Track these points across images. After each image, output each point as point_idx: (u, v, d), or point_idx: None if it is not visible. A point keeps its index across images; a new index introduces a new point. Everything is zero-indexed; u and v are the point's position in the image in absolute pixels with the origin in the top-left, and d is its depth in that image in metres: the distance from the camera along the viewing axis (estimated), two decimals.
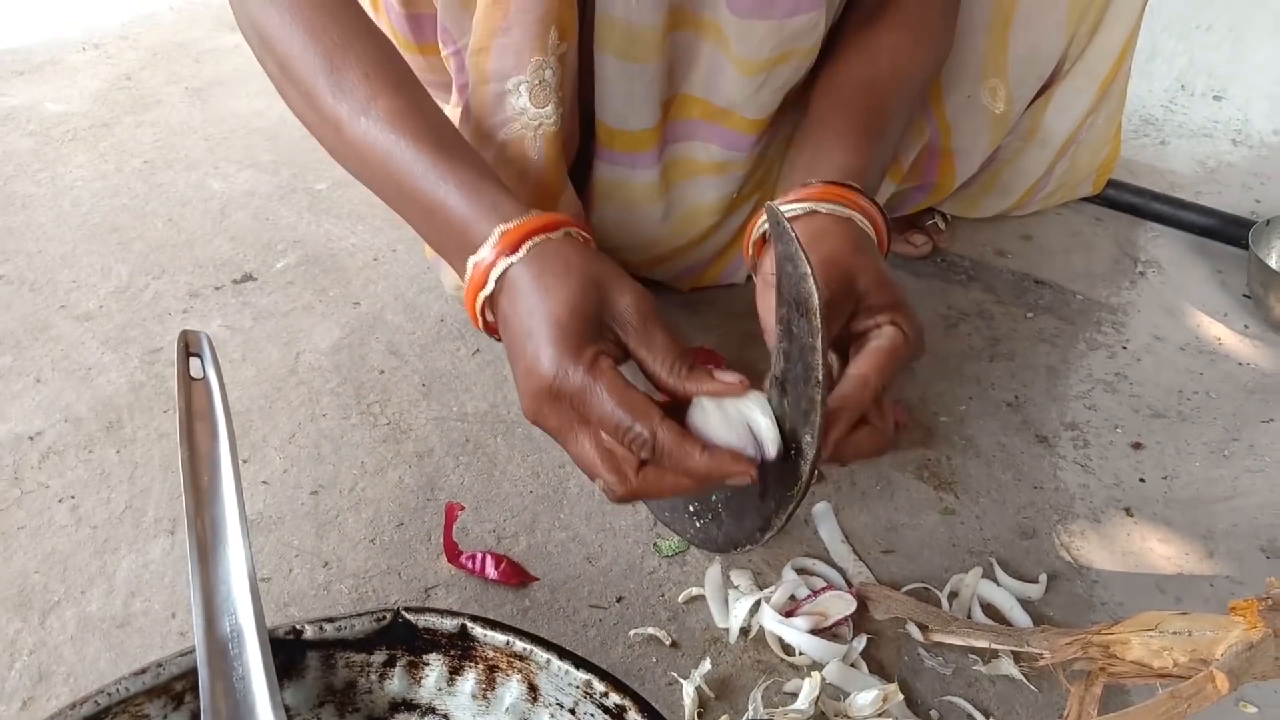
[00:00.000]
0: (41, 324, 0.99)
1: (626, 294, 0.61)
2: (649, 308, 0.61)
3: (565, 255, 0.62)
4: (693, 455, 0.58)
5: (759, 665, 0.69)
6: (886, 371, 0.63)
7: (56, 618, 0.70)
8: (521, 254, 0.62)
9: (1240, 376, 1.02)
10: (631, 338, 0.61)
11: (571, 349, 0.58)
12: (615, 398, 0.57)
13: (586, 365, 0.58)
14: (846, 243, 0.67)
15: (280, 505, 0.80)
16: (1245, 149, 1.50)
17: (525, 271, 0.61)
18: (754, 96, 0.83)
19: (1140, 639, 0.63)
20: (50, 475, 0.81)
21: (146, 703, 0.52)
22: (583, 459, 0.61)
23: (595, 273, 0.61)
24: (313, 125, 0.74)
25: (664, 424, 0.57)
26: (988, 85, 0.99)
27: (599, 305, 0.60)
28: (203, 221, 1.17)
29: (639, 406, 0.57)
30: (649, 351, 0.60)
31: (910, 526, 0.81)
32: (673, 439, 0.57)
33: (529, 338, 0.60)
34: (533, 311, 0.60)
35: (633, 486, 0.60)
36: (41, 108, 1.43)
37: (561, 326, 0.59)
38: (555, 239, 0.63)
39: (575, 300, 0.59)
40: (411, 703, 0.57)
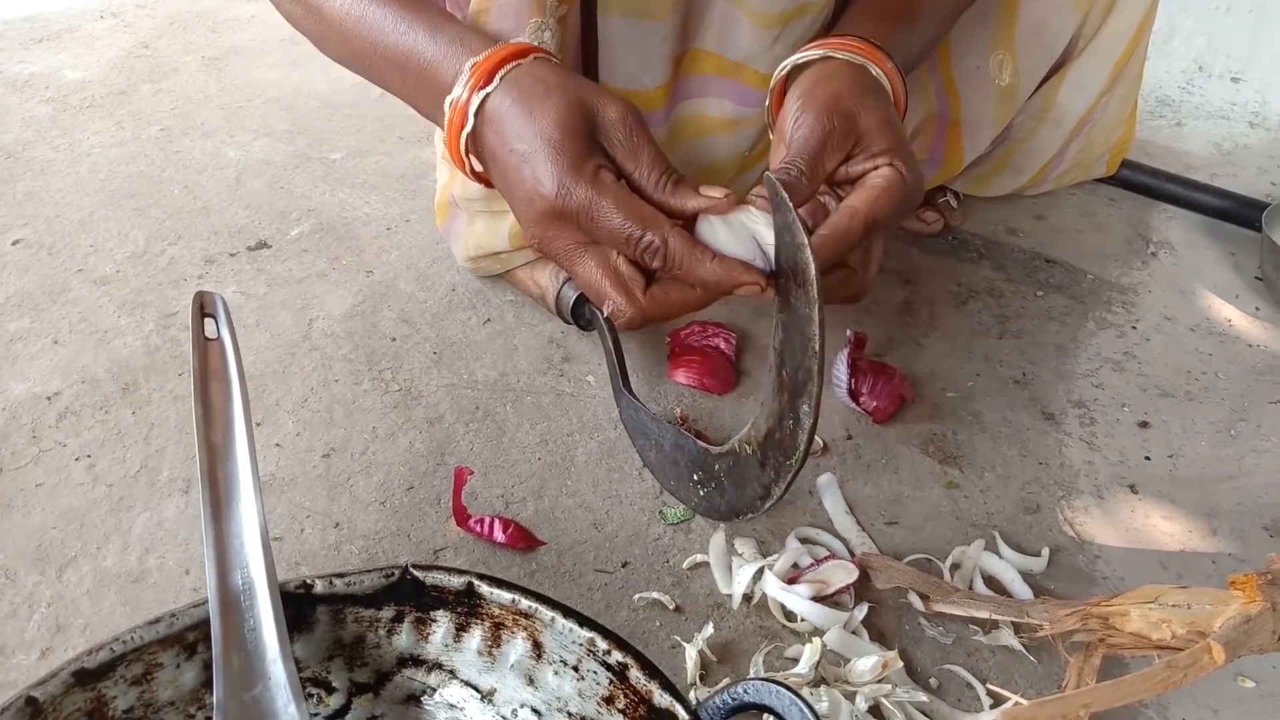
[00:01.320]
0: (59, 287, 1.00)
1: (611, 106, 0.60)
2: (635, 119, 0.60)
3: (542, 76, 0.61)
4: (704, 262, 0.57)
5: (761, 631, 0.70)
6: (879, 207, 0.63)
7: (74, 572, 0.72)
8: (496, 83, 0.61)
9: (1250, 358, 1.02)
10: (619, 151, 0.60)
11: (571, 165, 0.58)
12: (623, 208, 0.57)
13: (589, 180, 0.58)
14: (855, 84, 0.67)
15: (293, 467, 0.81)
16: (1262, 131, 1.49)
17: (504, 98, 0.60)
18: (768, 50, 0.83)
19: (1139, 611, 0.63)
20: (67, 434, 0.83)
21: (160, 652, 0.53)
22: (590, 282, 0.61)
23: (576, 89, 0.60)
24: (296, 18, 0.74)
25: (674, 231, 0.57)
26: (995, 57, 0.99)
27: (588, 119, 0.59)
28: (218, 189, 1.18)
29: (648, 215, 0.57)
30: (636, 165, 0.60)
31: (914, 499, 0.82)
32: (684, 245, 0.57)
33: (525, 162, 0.59)
34: (521, 135, 0.59)
35: (641, 305, 0.60)
36: (60, 75, 1.44)
37: (556, 145, 0.58)
38: (527, 64, 0.62)
39: (564, 117, 0.59)
40: (419, 658, 0.58)
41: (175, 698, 0.53)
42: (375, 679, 0.58)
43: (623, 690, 0.53)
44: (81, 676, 0.50)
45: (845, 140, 0.64)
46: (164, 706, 0.53)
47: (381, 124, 1.36)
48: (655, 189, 0.59)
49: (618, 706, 0.54)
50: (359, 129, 1.34)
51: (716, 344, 0.94)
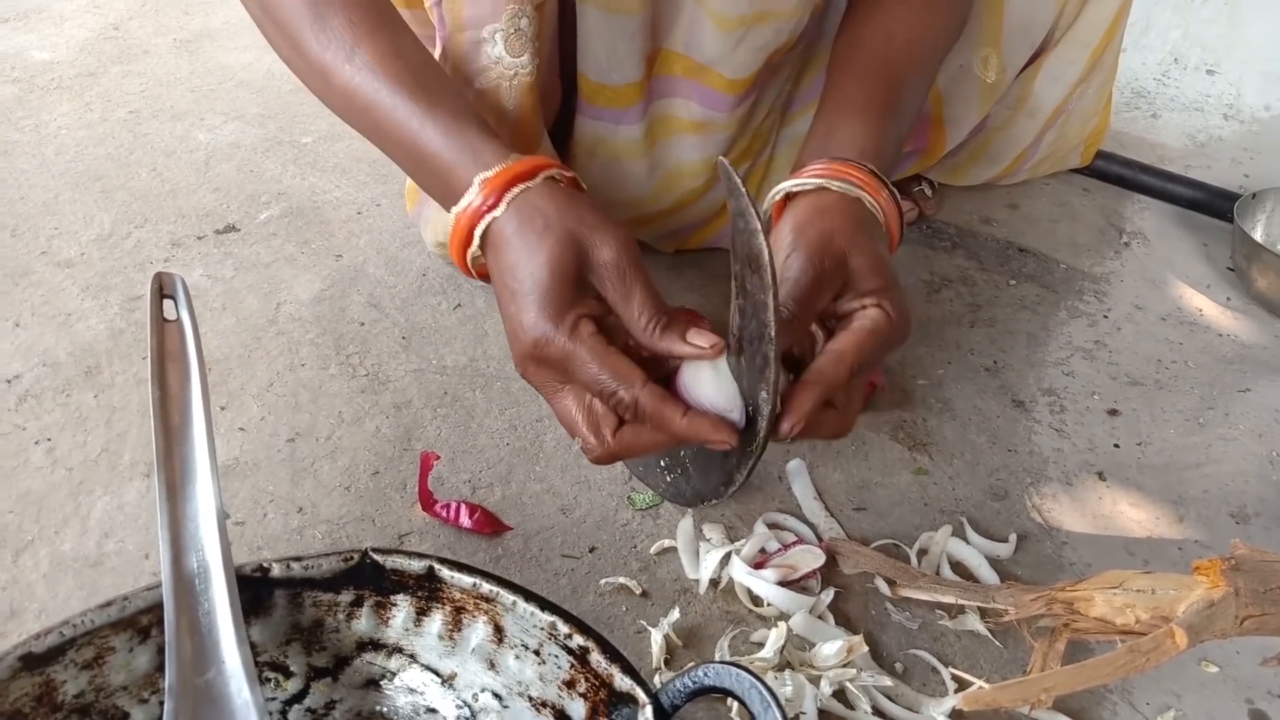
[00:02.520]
0: (22, 269, 0.99)
1: (606, 247, 0.60)
2: (628, 261, 0.60)
3: (543, 209, 0.61)
4: (674, 419, 0.58)
5: (727, 616, 0.70)
6: (864, 350, 0.63)
7: (30, 556, 0.70)
8: (502, 209, 0.61)
9: (1219, 347, 1.03)
10: (610, 292, 0.60)
11: (552, 314, 0.58)
12: (597, 362, 0.58)
13: (567, 331, 0.58)
14: (847, 220, 0.66)
15: (256, 451, 0.80)
16: (1236, 124, 1.50)
17: (507, 226, 0.61)
18: (731, 54, 0.83)
19: (1104, 596, 0.63)
20: (27, 418, 0.81)
21: (112, 635, 0.52)
22: (564, 417, 0.62)
23: (574, 226, 0.60)
24: (300, 73, 0.73)
25: (646, 388, 0.58)
26: (980, 55, 0.99)
27: (579, 262, 0.60)
28: (187, 172, 1.17)
29: (621, 370, 0.58)
30: (626, 307, 0.60)
31: (883, 485, 0.82)
32: (654, 403, 0.58)
33: (512, 299, 0.60)
34: (514, 271, 0.60)
35: (610, 447, 0.61)
36: (27, 55, 1.41)
37: (542, 290, 0.59)
38: (534, 188, 0.62)
39: (554, 260, 0.59)
40: (379, 643, 0.58)
41: (128, 682, 0.53)
42: (334, 663, 0.58)
43: (584, 674, 0.53)
44: (29, 661, 0.49)
45: (835, 281, 0.65)
46: (116, 691, 0.52)
47: None
48: (644, 332, 0.60)
49: (579, 690, 0.53)
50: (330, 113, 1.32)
51: None
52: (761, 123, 0.96)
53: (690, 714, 0.63)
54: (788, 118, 0.99)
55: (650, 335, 0.59)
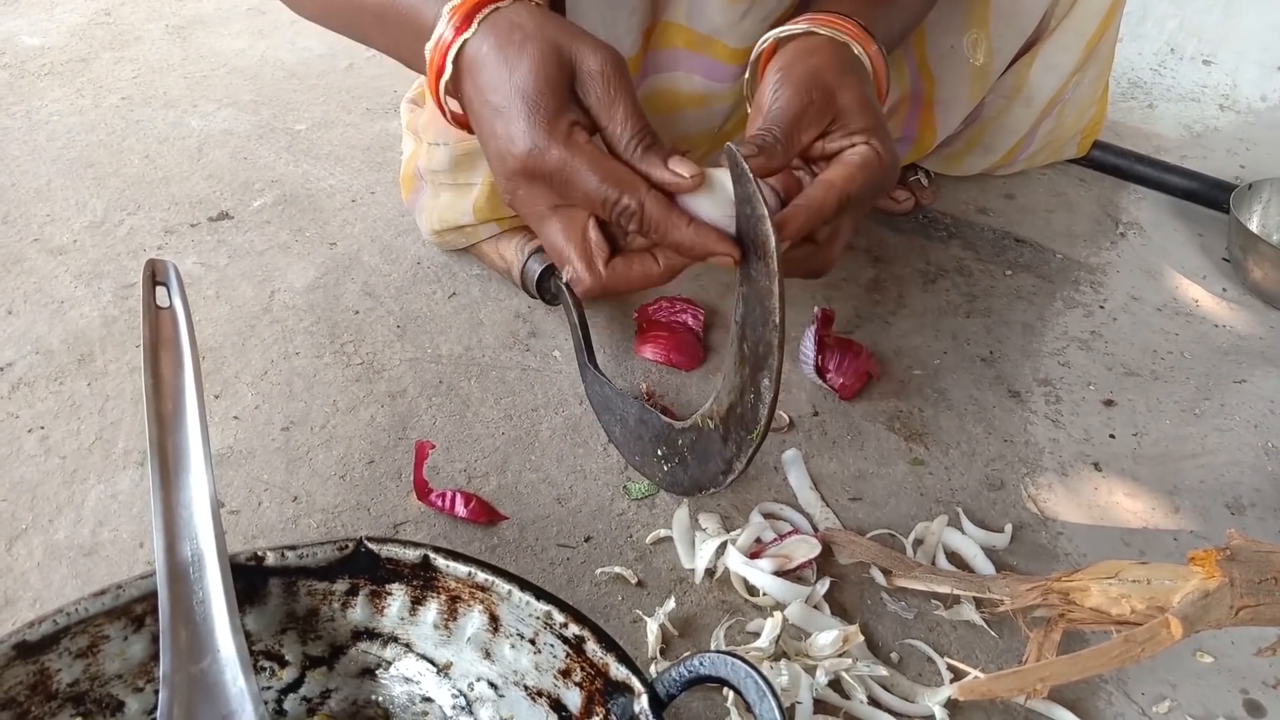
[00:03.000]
0: (14, 256, 0.98)
1: (592, 55, 0.58)
2: (615, 70, 0.58)
3: (521, 23, 0.58)
4: (680, 227, 0.56)
5: (723, 605, 0.70)
6: (854, 183, 0.62)
7: (23, 545, 0.70)
8: (474, 28, 0.58)
9: (1215, 338, 1.03)
10: (594, 102, 0.58)
11: (545, 123, 0.56)
12: (598, 171, 0.56)
13: (562, 139, 0.56)
14: (835, 60, 0.65)
15: (251, 440, 0.79)
16: (1232, 114, 1.50)
17: (482, 45, 0.58)
18: (738, 24, 0.82)
19: (1099, 586, 0.63)
20: (20, 406, 0.81)
21: (106, 624, 0.52)
22: (554, 245, 0.59)
23: (554, 35, 0.58)
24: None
25: (650, 194, 0.56)
26: (969, 36, 0.98)
27: (564, 70, 0.57)
28: (180, 159, 1.16)
29: (623, 177, 0.56)
30: (609, 118, 0.58)
31: (879, 475, 0.82)
32: (660, 209, 0.56)
33: (498, 116, 0.57)
34: (497, 87, 0.57)
35: (601, 277, 0.59)
36: (17, 41, 1.40)
37: (530, 101, 0.56)
38: (506, 7, 0.59)
39: (540, 69, 0.56)
40: (374, 632, 0.58)
41: (122, 670, 0.53)
42: (329, 652, 0.57)
43: (579, 663, 0.53)
44: (23, 649, 0.49)
45: (823, 115, 0.64)
46: (111, 679, 0.52)
47: (348, 95, 1.34)
48: (625, 149, 0.57)
49: (574, 679, 0.53)
50: (325, 100, 1.32)
51: (684, 320, 0.94)
52: None
53: (686, 703, 0.63)
54: None
55: (632, 151, 0.57)
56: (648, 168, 0.57)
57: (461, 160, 0.88)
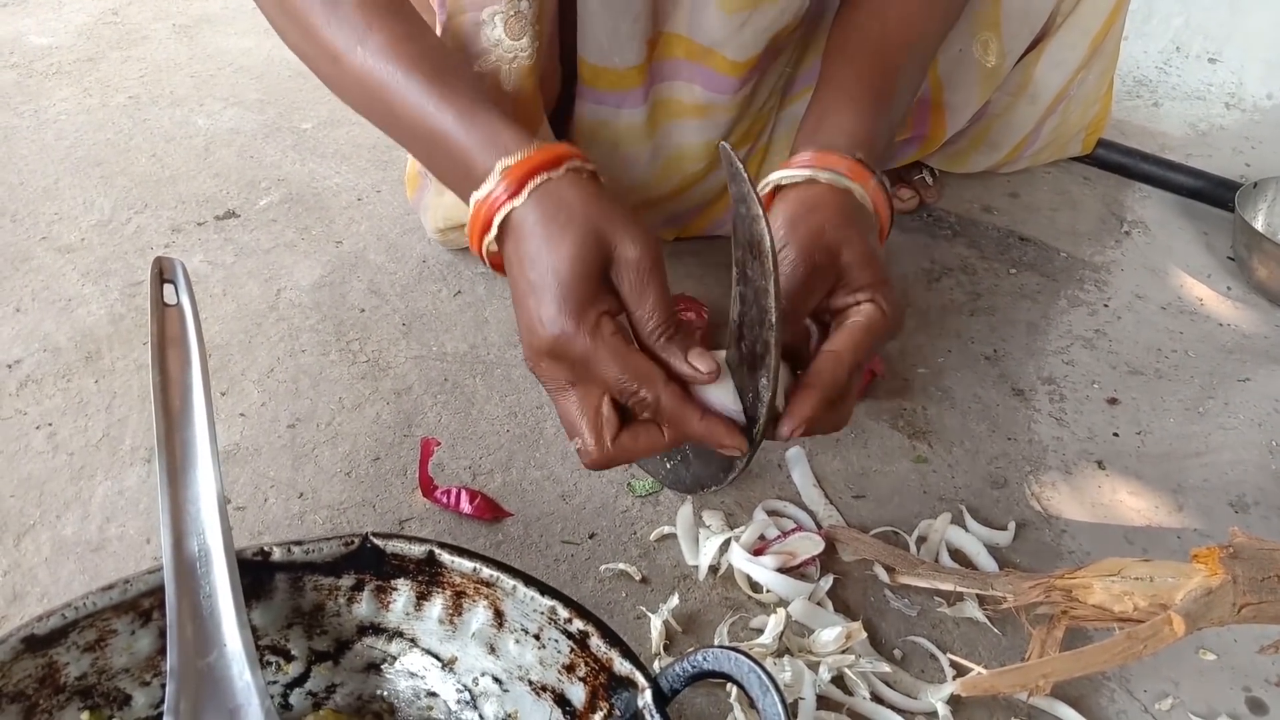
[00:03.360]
0: (22, 255, 0.98)
1: (629, 246, 0.59)
2: (651, 262, 0.59)
3: (568, 200, 0.60)
4: (692, 421, 0.58)
5: (727, 602, 0.70)
6: (862, 349, 0.63)
7: (31, 541, 0.71)
8: (523, 198, 0.60)
9: (1220, 337, 1.03)
10: (625, 288, 0.60)
11: (574, 311, 0.57)
12: (619, 363, 0.57)
13: (589, 330, 0.57)
14: (838, 215, 0.66)
15: (257, 437, 0.80)
16: (1238, 112, 1.50)
17: (528, 216, 0.60)
18: (735, 35, 0.82)
19: (1102, 584, 0.64)
20: (28, 403, 0.82)
21: (114, 618, 0.52)
22: (567, 417, 0.62)
23: (599, 221, 0.59)
24: (310, 59, 0.72)
25: (667, 388, 0.58)
26: (980, 39, 0.98)
27: (601, 258, 0.59)
28: (187, 158, 1.17)
29: (642, 371, 0.58)
30: (638, 307, 0.59)
31: (882, 473, 0.82)
32: (675, 403, 0.58)
33: (531, 292, 0.59)
34: (535, 264, 0.59)
35: (608, 452, 0.61)
36: (25, 40, 1.41)
37: (564, 285, 0.58)
38: (557, 178, 0.60)
39: (577, 254, 0.58)
40: (379, 627, 0.58)
41: (130, 664, 0.53)
42: (335, 647, 0.58)
43: (584, 658, 0.53)
44: (31, 643, 0.50)
45: (828, 277, 0.65)
46: (118, 673, 0.53)
47: None
48: (650, 335, 0.59)
49: (578, 675, 0.53)
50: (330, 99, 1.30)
51: (687, 318, 0.94)
52: (762, 105, 0.96)
53: (689, 699, 0.63)
54: (787, 100, 0.99)
55: (655, 340, 0.59)
56: (669, 357, 0.59)
57: None
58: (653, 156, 0.93)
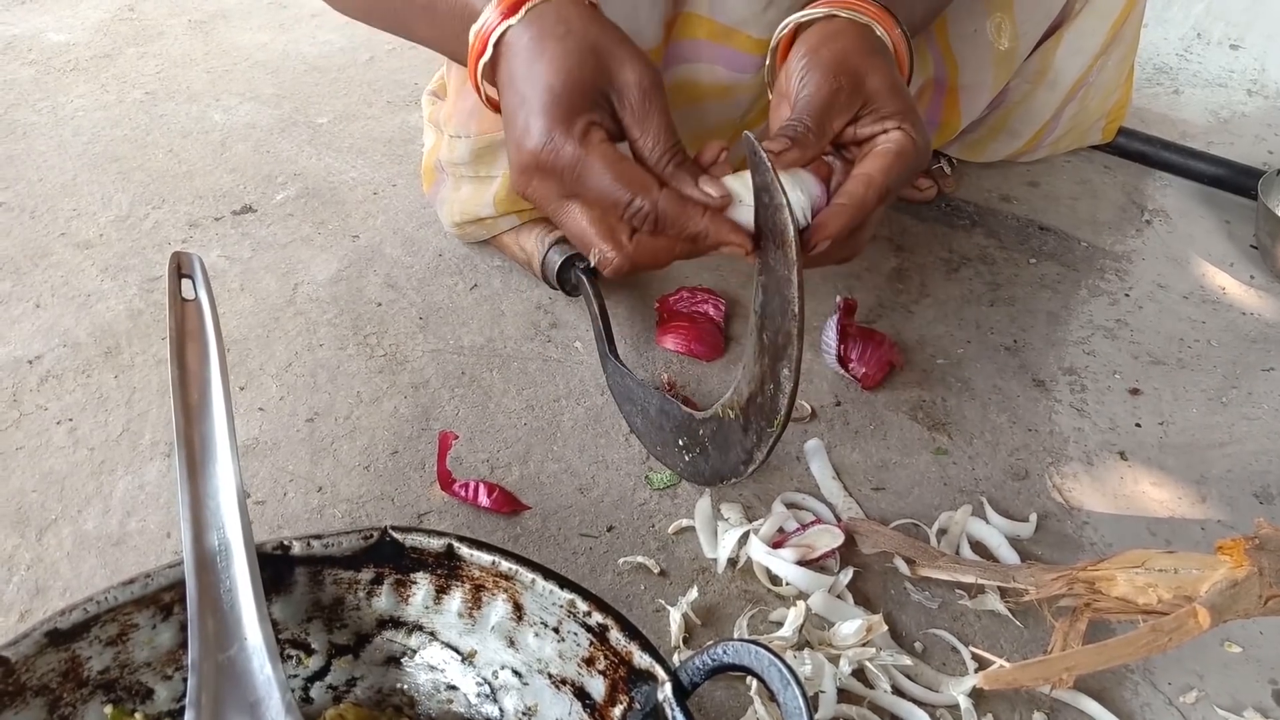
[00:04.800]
0: (41, 250, 0.99)
1: (630, 65, 0.57)
2: (651, 84, 0.58)
3: (566, 17, 0.58)
4: (696, 217, 0.56)
5: (746, 595, 0.70)
6: (892, 174, 0.61)
7: (53, 535, 0.71)
8: (520, 15, 0.58)
9: (1243, 326, 1.02)
10: (627, 114, 0.58)
11: (562, 118, 0.56)
12: (611, 171, 0.55)
13: (578, 136, 0.56)
14: (859, 42, 0.65)
15: (276, 431, 0.80)
16: (1260, 99, 1.48)
17: (523, 34, 0.58)
18: (761, 15, 0.81)
19: (1126, 575, 0.63)
20: (49, 398, 0.82)
21: (135, 612, 0.52)
22: (575, 230, 0.59)
23: (596, 38, 0.57)
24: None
25: (664, 193, 0.56)
26: (993, 20, 0.97)
27: (598, 73, 0.57)
28: (203, 153, 1.17)
29: (636, 178, 0.56)
30: (642, 131, 0.58)
31: (902, 465, 0.81)
32: (674, 205, 0.56)
33: (521, 105, 0.57)
34: (526, 76, 0.57)
35: (628, 252, 0.59)
36: (43, 37, 1.41)
37: (553, 94, 0.56)
38: (555, 1, 0.59)
39: (571, 65, 0.56)
40: (399, 620, 0.58)
41: (151, 658, 0.53)
42: (355, 641, 0.58)
43: (603, 651, 0.53)
44: (55, 637, 0.50)
45: (853, 100, 0.63)
46: (140, 667, 0.53)
47: (369, 88, 1.34)
48: (657, 163, 0.57)
49: (598, 668, 0.53)
50: (346, 93, 1.32)
51: (705, 310, 0.94)
52: None
53: (709, 692, 0.63)
54: None
55: (663, 165, 0.57)
56: (679, 183, 0.57)
57: (482, 153, 0.88)
58: None
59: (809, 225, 0.59)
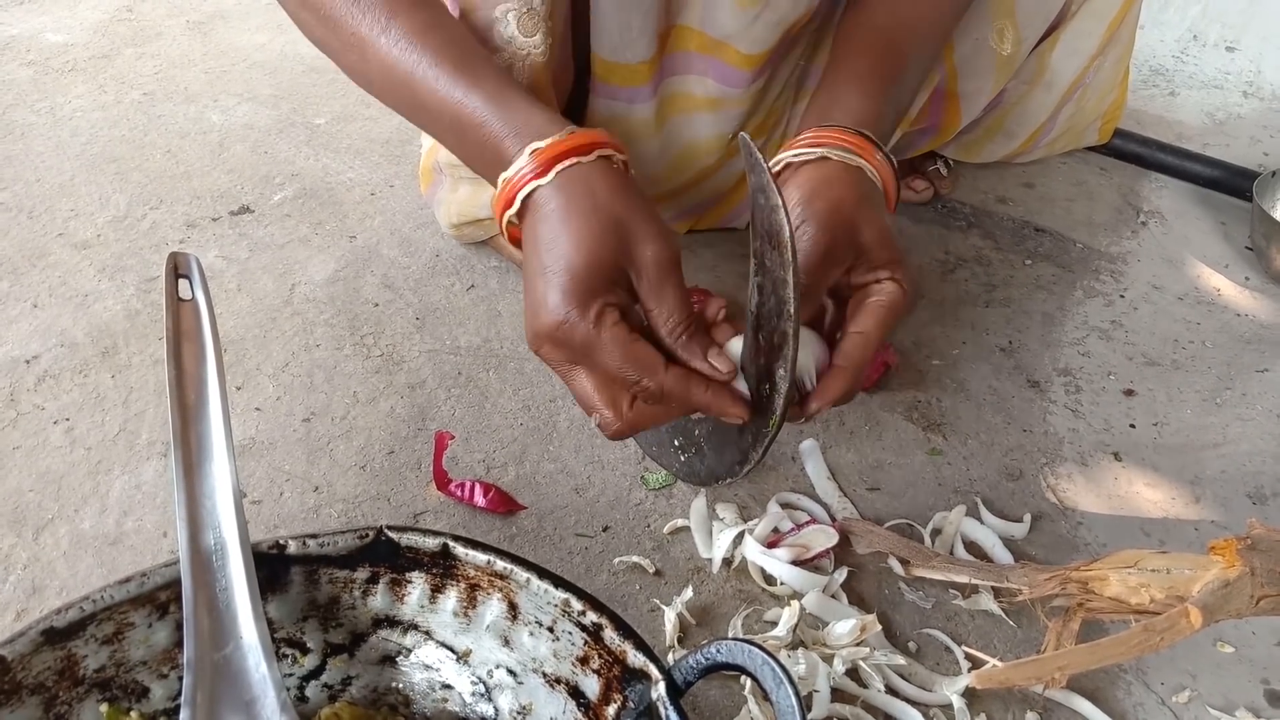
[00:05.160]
0: (39, 251, 0.99)
1: (649, 244, 0.59)
2: (668, 262, 0.60)
3: (594, 188, 0.59)
4: (699, 392, 0.59)
5: (740, 594, 0.70)
6: (886, 328, 0.64)
7: (50, 535, 0.71)
8: (550, 177, 0.59)
9: (1237, 327, 1.02)
10: (644, 287, 0.60)
11: (579, 299, 0.57)
12: (620, 352, 0.57)
13: (593, 319, 0.57)
14: (853, 192, 0.67)
15: (272, 431, 0.80)
16: (1256, 101, 1.48)
17: (552, 199, 0.59)
18: (749, 29, 0.82)
19: (1119, 576, 0.63)
20: (46, 398, 0.82)
21: (131, 611, 0.53)
22: (580, 394, 0.62)
23: (621, 213, 0.59)
24: (333, 51, 0.72)
25: (670, 373, 0.58)
26: (996, 26, 0.97)
27: (619, 251, 0.59)
28: (201, 153, 1.17)
29: (644, 360, 0.58)
30: (657, 304, 0.60)
31: (897, 465, 0.82)
32: (678, 385, 0.58)
33: (540, 274, 0.59)
34: (550, 247, 0.59)
35: (629, 419, 0.61)
36: (41, 38, 1.42)
37: (573, 273, 0.57)
38: (587, 164, 0.60)
39: (593, 244, 0.58)
40: (394, 619, 0.58)
41: (147, 657, 0.53)
42: (350, 640, 0.58)
43: (597, 650, 0.53)
44: (51, 635, 0.50)
45: (847, 254, 0.65)
46: (136, 665, 0.53)
47: None
48: (670, 335, 0.60)
49: (592, 667, 0.53)
50: (344, 94, 1.33)
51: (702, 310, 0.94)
52: (776, 99, 0.95)
53: (703, 691, 0.63)
54: (801, 93, 0.99)
55: (675, 337, 0.60)
56: (689, 357, 0.60)
57: None
58: (663, 150, 0.92)
59: (813, 389, 0.63)
